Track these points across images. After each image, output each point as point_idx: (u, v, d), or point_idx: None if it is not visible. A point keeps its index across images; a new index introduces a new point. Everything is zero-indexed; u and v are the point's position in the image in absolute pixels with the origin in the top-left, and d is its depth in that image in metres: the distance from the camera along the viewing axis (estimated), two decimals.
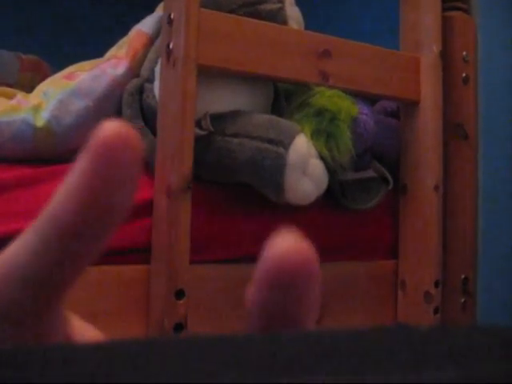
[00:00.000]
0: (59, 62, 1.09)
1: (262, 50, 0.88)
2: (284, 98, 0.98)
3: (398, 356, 0.13)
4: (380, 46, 1.01)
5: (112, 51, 1.00)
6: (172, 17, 0.83)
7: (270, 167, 0.85)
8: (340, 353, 0.13)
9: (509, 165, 1.18)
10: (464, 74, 1.10)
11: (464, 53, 1.10)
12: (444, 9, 1.08)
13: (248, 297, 0.16)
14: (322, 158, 0.89)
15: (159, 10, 1.03)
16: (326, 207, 0.99)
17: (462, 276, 1.08)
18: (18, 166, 0.89)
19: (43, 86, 0.97)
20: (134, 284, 0.83)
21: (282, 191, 0.86)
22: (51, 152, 0.92)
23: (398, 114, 1.07)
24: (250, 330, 0.16)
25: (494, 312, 1.14)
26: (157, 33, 0.98)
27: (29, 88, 1.07)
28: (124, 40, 1.01)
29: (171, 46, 0.83)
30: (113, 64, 0.96)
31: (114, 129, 0.16)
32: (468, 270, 1.09)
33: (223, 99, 0.90)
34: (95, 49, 1.09)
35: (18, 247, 0.16)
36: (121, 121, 0.16)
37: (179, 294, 0.79)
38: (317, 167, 0.88)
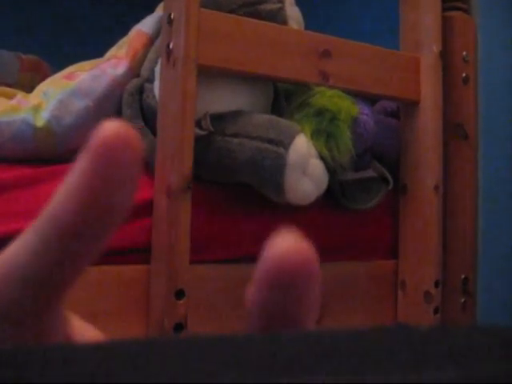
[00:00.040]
0: (59, 62, 1.09)
1: (262, 50, 0.88)
2: (284, 97, 0.98)
3: (398, 356, 0.13)
4: (380, 45, 1.01)
5: (112, 51, 1.00)
6: (172, 17, 0.83)
7: (270, 167, 0.85)
8: (340, 353, 0.13)
9: (509, 165, 1.18)
10: (464, 74, 1.10)
11: (464, 53, 1.10)
12: (444, 9, 1.08)
13: (248, 297, 0.16)
14: (322, 158, 0.89)
15: (159, 10, 1.03)
16: (326, 207, 0.99)
17: (462, 276, 1.08)
18: (18, 166, 0.89)
19: (43, 86, 0.97)
20: (134, 284, 0.83)
21: (282, 191, 0.86)
22: (51, 152, 0.92)
23: (398, 114, 1.07)
24: (250, 330, 0.16)
25: (494, 312, 1.14)
26: (157, 33, 0.98)
27: (29, 88, 1.07)
28: (124, 40, 1.01)
29: (171, 46, 0.83)
30: (113, 64, 0.96)
31: (113, 129, 0.16)
32: (468, 270, 1.09)
33: (223, 99, 0.90)
34: (95, 49, 1.09)
35: (18, 247, 0.16)
36: (121, 121, 0.16)
37: (179, 294, 0.79)
38: (317, 167, 0.88)
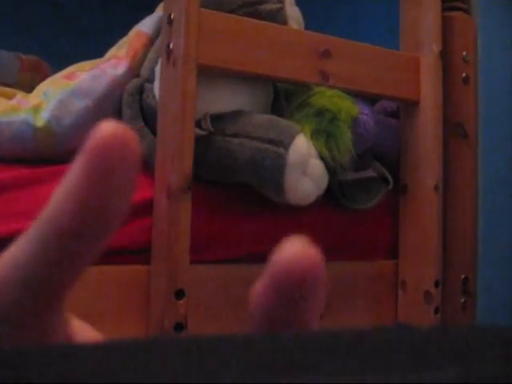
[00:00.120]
0: (59, 62, 1.09)
1: (262, 50, 0.87)
2: (284, 97, 0.98)
3: (398, 356, 0.13)
4: (380, 45, 1.01)
5: (112, 51, 1.00)
6: (172, 17, 0.83)
7: (270, 167, 0.84)
8: (340, 353, 0.13)
9: (509, 165, 1.18)
10: (464, 74, 1.10)
11: (464, 53, 1.10)
12: (444, 9, 1.08)
13: (252, 299, 0.16)
14: (322, 157, 0.89)
15: (159, 10, 1.03)
16: (326, 207, 0.99)
17: (462, 276, 1.08)
18: (18, 167, 0.89)
19: (43, 86, 0.97)
20: (133, 284, 0.83)
21: (282, 191, 0.86)
22: (51, 152, 0.92)
23: (398, 114, 1.07)
24: (252, 332, 0.16)
25: (494, 312, 1.14)
26: (157, 33, 0.98)
27: (29, 88, 1.07)
28: (124, 40, 1.01)
29: (171, 46, 0.83)
30: (113, 64, 0.96)
31: (111, 129, 0.16)
32: (468, 270, 1.09)
33: (223, 99, 0.90)
34: (95, 49, 1.09)
35: (17, 248, 0.16)
36: (118, 121, 0.16)
37: (179, 294, 0.79)
38: (317, 167, 0.88)
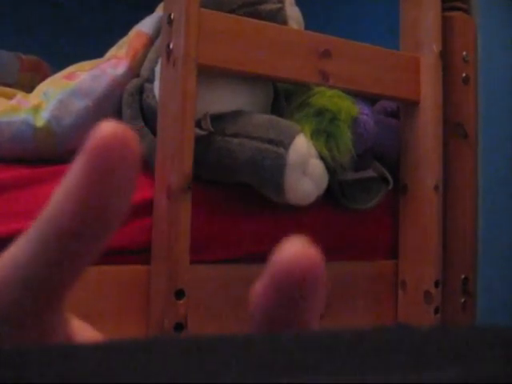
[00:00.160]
0: (59, 62, 1.09)
1: (262, 50, 0.87)
2: (284, 97, 0.98)
3: (398, 356, 0.13)
4: (380, 45, 1.01)
5: (112, 51, 1.00)
6: (172, 17, 0.83)
7: (270, 167, 0.84)
8: (340, 353, 0.13)
9: (509, 165, 1.18)
10: (464, 74, 1.10)
11: (464, 53, 1.10)
12: (444, 9, 1.08)
13: (252, 299, 0.16)
14: (322, 157, 0.89)
15: (159, 10, 1.03)
16: (326, 207, 0.99)
17: (462, 276, 1.08)
18: (18, 167, 0.89)
19: (43, 86, 0.97)
20: (133, 284, 0.83)
21: (282, 191, 0.86)
22: (51, 152, 0.92)
23: (398, 114, 1.07)
24: (252, 332, 0.16)
25: (493, 312, 1.14)
26: (157, 33, 0.98)
27: (29, 88, 1.07)
28: (124, 40, 1.01)
29: (171, 46, 0.83)
30: (113, 64, 0.96)
31: (111, 129, 0.16)
32: (468, 270, 1.09)
33: (223, 99, 0.90)
34: (95, 49, 1.09)
35: (17, 248, 0.16)
36: (118, 121, 0.16)
37: (179, 294, 0.79)
38: (317, 167, 0.88)
